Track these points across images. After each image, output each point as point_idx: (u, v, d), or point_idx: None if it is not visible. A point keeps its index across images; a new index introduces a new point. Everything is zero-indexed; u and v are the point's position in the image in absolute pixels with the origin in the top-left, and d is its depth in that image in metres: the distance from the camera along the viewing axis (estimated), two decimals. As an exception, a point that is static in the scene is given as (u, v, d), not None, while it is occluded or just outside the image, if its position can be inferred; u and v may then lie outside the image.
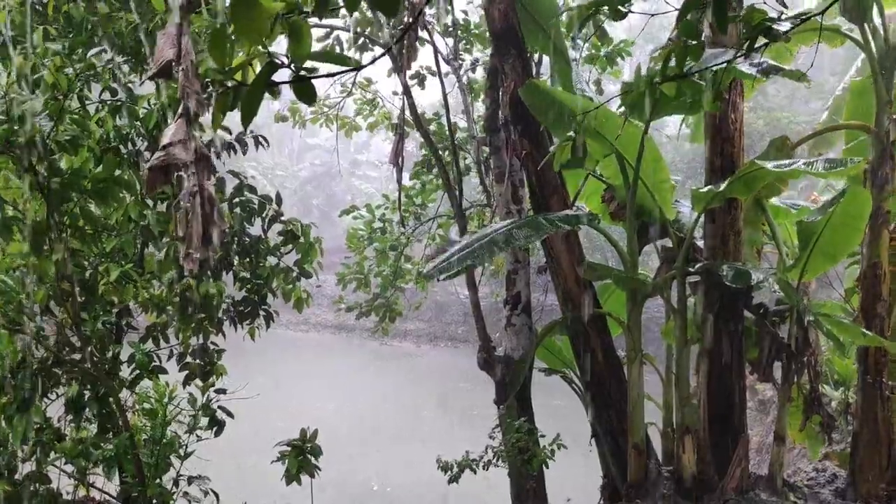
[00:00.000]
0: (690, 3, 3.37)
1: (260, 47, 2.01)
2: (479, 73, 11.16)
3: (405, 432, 21.95)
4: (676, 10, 3.49)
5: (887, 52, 7.29)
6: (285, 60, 2.14)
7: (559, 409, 10.51)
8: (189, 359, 6.14)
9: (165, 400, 5.95)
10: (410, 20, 8.62)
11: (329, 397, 25.21)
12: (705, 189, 6.86)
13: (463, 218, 9.96)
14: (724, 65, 3.83)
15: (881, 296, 7.43)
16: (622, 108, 6.86)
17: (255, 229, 6.49)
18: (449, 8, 10.27)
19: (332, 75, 2.13)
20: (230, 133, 6.05)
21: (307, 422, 6.77)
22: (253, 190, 6.35)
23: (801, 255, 7.24)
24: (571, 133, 5.16)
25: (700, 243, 7.73)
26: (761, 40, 3.70)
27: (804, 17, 3.90)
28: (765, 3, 3.63)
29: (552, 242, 7.74)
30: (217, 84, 2.21)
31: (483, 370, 9.18)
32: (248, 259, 6.41)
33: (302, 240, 6.50)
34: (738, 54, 3.70)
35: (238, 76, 2.20)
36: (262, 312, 6.66)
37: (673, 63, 3.70)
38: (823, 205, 7.22)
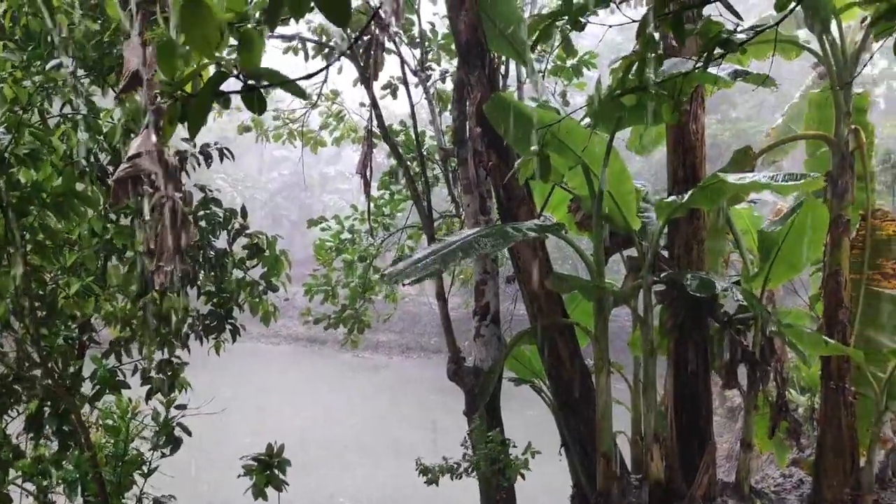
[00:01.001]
0: (648, 17, 3.42)
1: (210, 57, 1.99)
2: (449, 84, 11.18)
3: (376, 445, 21.84)
4: (634, 21, 3.53)
5: (845, 63, 7.44)
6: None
7: (532, 419, 10.53)
8: (153, 373, 6.06)
9: (128, 416, 5.86)
10: (376, 30, 8.62)
11: (300, 410, 25.02)
12: (669, 199, 6.94)
13: (431, 229, 9.96)
14: (682, 76, 3.88)
15: (843, 303, 7.55)
16: (588, 120, 6.92)
17: (222, 242, 6.44)
18: (415, 19, 10.30)
19: (284, 85, 2.11)
20: (194, 146, 6.00)
21: (277, 435, 6.72)
22: (218, 203, 6.29)
23: (763, 265, 7.35)
24: (534, 147, 5.18)
25: (665, 252, 7.81)
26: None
27: (760, 28, 3.97)
28: (720, 15, 3.69)
29: (520, 252, 7.78)
30: (167, 96, 2.19)
31: (452, 381, 9.17)
32: (213, 273, 6.34)
33: (268, 253, 6.46)
34: (696, 66, 3.75)
35: (189, 87, 2.18)
36: (228, 326, 6.59)
37: (633, 74, 3.75)
38: (783, 216, 7.35)
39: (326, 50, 10.38)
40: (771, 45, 7.46)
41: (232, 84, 2.27)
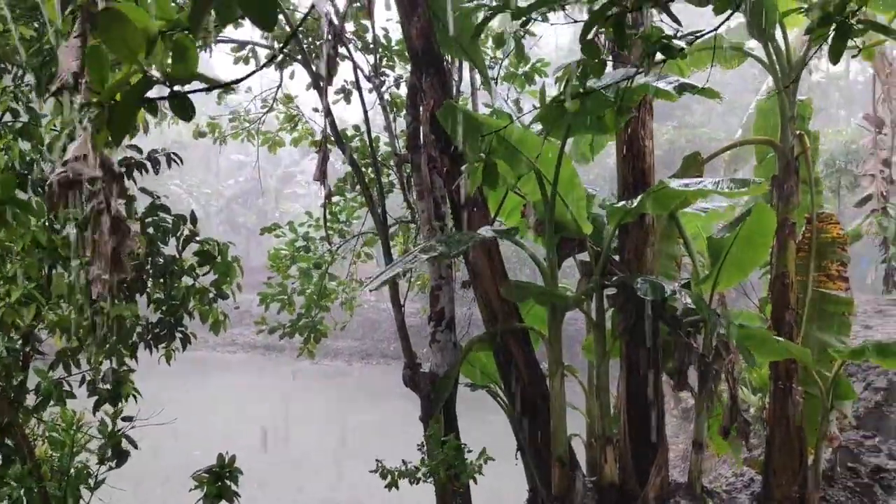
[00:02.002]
0: (593, 20, 3.45)
1: (135, 64, 1.95)
2: (403, 89, 11.14)
3: (335, 451, 21.67)
4: (577, 21, 3.57)
5: (789, 69, 7.61)
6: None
7: (493, 424, 10.53)
8: (101, 384, 5.93)
9: (73, 428, 5.72)
10: (331, 35, 8.57)
11: (257, 419, 24.70)
12: (619, 205, 7.03)
13: (386, 235, 9.91)
14: (628, 82, 3.94)
15: (789, 304, 7.71)
16: (540, 127, 6.98)
17: (173, 250, 6.32)
18: (369, 24, 10.25)
19: (207, 90, 2.09)
20: (141, 152, 5.90)
21: (233, 445, 6.61)
22: (166, 209, 6.18)
23: (712, 269, 7.48)
24: (482, 154, 5.20)
25: (617, 257, 7.90)
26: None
27: (701, 34, 4.04)
28: (661, 21, 3.75)
29: (474, 258, 7.79)
30: (94, 105, 2.14)
31: (408, 387, 9.14)
32: (162, 280, 6.23)
33: (219, 259, 6.36)
34: (638, 71, 3.80)
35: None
36: (178, 335, 6.48)
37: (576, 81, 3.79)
38: (732, 222, 7.50)
39: (280, 57, 10.28)
40: (718, 53, 7.63)
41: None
